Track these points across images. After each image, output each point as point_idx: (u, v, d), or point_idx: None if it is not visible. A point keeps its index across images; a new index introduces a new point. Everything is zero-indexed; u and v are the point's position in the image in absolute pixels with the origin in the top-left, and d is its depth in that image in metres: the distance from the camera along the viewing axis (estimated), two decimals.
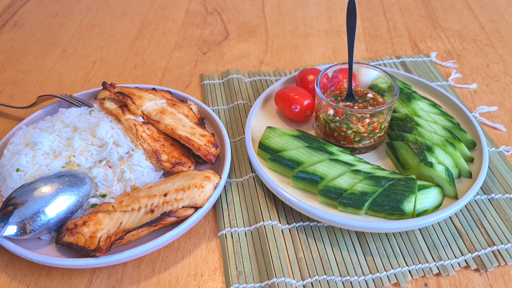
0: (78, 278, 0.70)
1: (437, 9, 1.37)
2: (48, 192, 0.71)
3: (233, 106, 0.99)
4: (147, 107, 0.85)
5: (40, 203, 0.70)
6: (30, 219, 0.68)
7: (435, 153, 0.78)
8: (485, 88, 1.06)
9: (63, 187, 0.72)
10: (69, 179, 0.73)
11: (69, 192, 0.72)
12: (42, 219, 0.69)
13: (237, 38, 1.25)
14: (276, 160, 0.79)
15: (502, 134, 0.93)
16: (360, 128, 0.80)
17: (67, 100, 0.92)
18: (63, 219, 0.71)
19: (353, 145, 0.83)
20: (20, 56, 1.20)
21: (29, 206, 0.69)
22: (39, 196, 0.70)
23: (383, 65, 1.12)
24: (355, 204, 0.71)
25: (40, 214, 0.69)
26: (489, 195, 0.80)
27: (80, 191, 0.73)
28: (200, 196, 0.72)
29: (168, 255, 0.73)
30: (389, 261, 0.71)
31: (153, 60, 1.17)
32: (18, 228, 0.68)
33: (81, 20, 1.35)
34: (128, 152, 0.79)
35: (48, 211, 0.69)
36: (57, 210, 0.70)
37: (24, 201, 0.69)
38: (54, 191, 0.71)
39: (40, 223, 0.68)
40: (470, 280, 0.69)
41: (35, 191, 0.71)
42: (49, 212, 0.69)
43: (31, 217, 0.68)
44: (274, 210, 0.78)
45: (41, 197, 0.70)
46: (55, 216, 0.70)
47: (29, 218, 0.68)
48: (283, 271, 0.68)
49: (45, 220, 0.69)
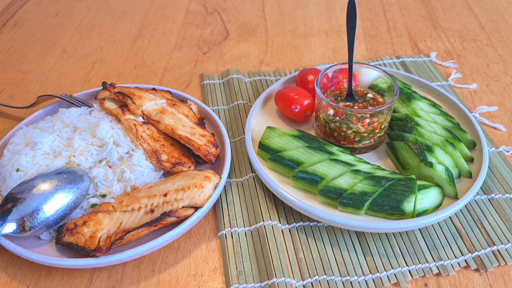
0: (78, 278, 0.70)
1: (437, 9, 1.37)
2: (47, 189, 0.71)
3: (233, 106, 0.99)
4: (147, 107, 0.85)
5: (39, 200, 0.70)
6: (29, 216, 0.68)
7: (435, 153, 0.78)
8: (485, 88, 1.06)
9: (62, 184, 0.72)
10: (68, 176, 0.73)
11: (68, 189, 0.72)
12: (41, 216, 0.69)
13: (237, 38, 1.25)
14: (276, 160, 0.79)
15: (502, 134, 0.93)
16: (360, 128, 0.80)
17: (67, 100, 0.92)
18: (62, 216, 0.71)
19: (353, 145, 0.83)
20: (20, 56, 1.20)
21: (28, 203, 0.69)
22: (38, 193, 0.70)
23: (383, 65, 1.12)
24: (355, 204, 0.71)
25: (39, 211, 0.69)
26: (489, 195, 0.80)
27: (79, 187, 0.73)
28: (200, 196, 0.72)
29: (168, 255, 0.73)
30: (389, 261, 0.71)
31: (153, 60, 1.17)
32: (17, 226, 0.68)
33: (81, 20, 1.35)
34: (128, 152, 0.79)
35: (47, 208, 0.69)
36: (56, 207, 0.70)
37: (23, 198, 0.69)
38: (53, 188, 0.71)
39: (39, 220, 0.69)
40: (470, 280, 0.69)
41: (34, 188, 0.71)
42: (48, 209, 0.69)
43: (30, 214, 0.68)
44: (274, 210, 0.78)
45: (40, 194, 0.70)
46: (54, 213, 0.70)
47: (28, 215, 0.68)
48: (283, 271, 0.68)
49: (44, 217, 0.69)
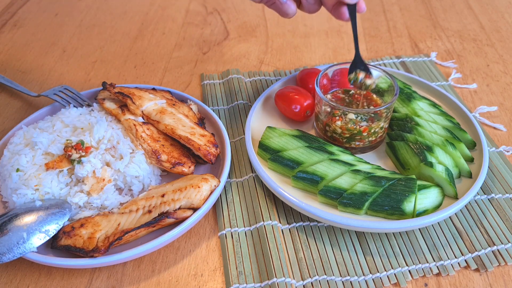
0: (78, 278, 0.70)
1: (437, 9, 1.37)
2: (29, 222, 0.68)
3: (233, 106, 0.99)
4: (147, 107, 0.85)
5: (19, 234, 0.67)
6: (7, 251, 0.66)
7: (435, 153, 0.78)
8: (485, 88, 1.06)
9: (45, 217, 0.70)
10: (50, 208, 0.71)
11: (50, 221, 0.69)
12: (21, 249, 0.66)
13: (237, 38, 1.25)
14: (276, 160, 0.79)
15: (502, 134, 0.93)
16: (360, 128, 0.80)
17: (67, 96, 0.93)
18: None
19: (353, 145, 0.83)
20: (20, 56, 1.20)
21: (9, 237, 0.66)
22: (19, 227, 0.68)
23: (383, 65, 1.12)
24: (355, 204, 0.71)
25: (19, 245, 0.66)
26: (489, 195, 0.80)
27: (62, 219, 0.71)
28: (196, 196, 0.72)
29: (168, 255, 0.73)
30: (389, 261, 0.71)
31: (153, 60, 1.17)
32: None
33: (81, 20, 1.35)
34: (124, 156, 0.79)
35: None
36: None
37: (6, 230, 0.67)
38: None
39: (19, 252, 0.66)
40: (470, 280, 0.69)
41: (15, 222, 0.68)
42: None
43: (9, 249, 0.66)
44: (274, 210, 0.78)
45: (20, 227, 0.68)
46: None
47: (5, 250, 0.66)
48: (283, 271, 0.68)
49: (24, 251, 0.67)
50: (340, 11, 0.78)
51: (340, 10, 0.78)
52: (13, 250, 0.65)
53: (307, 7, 0.80)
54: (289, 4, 0.78)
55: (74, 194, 0.74)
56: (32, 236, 0.67)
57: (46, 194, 0.74)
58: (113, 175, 0.76)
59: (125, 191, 0.78)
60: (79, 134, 0.80)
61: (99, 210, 0.75)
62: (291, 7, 0.79)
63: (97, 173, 0.75)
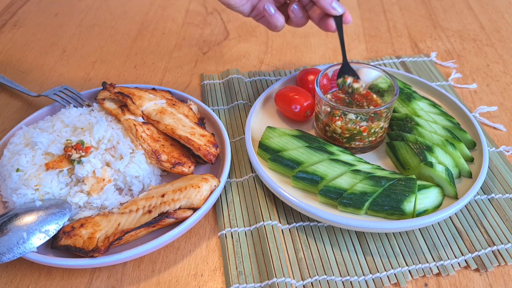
0: (78, 278, 0.70)
1: (437, 9, 1.37)
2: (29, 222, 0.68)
3: (233, 106, 0.99)
4: (147, 107, 0.85)
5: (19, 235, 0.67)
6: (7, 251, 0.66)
7: (435, 153, 0.78)
8: (485, 88, 1.06)
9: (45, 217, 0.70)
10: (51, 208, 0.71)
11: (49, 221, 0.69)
12: (21, 249, 0.66)
13: (237, 38, 1.25)
14: (276, 160, 0.79)
15: (502, 134, 0.93)
16: (359, 128, 0.80)
17: (67, 96, 0.93)
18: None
19: (353, 145, 0.83)
20: (20, 56, 1.20)
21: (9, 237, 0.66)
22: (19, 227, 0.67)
23: (383, 65, 1.12)
24: (355, 204, 0.71)
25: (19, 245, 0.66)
26: (489, 195, 0.80)
27: (62, 219, 0.71)
28: (196, 196, 0.72)
29: (168, 255, 0.73)
30: (389, 261, 0.71)
31: (153, 60, 1.17)
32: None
33: (81, 20, 1.35)
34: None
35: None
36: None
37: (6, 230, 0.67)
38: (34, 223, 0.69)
39: (19, 252, 0.66)
40: (470, 280, 0.69)
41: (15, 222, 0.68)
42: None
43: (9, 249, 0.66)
44: (274, 210, 0.78)
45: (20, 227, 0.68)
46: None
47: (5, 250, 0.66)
48: (283, 271, 0.68)
49: (24, 251, 0.66)
50: (327, 23, 0.81)
51: (327, 22, 0.81)
52: (13, 250, 0.65)
53: (295, 20, 0.83)
54: (278, 16, 0.80)
55: (74, 194, 0.74)
56: (32, 236, 0.67)
57: (46, 194, 0.74)
58: (113, 175, 0.76)
59: (125, 191, 0.78)
60: (79, 134, 0.80)
61: (99, 210, 0.75)
62: (280, 19, 0.81)
63: (97, 173, 0.75)
